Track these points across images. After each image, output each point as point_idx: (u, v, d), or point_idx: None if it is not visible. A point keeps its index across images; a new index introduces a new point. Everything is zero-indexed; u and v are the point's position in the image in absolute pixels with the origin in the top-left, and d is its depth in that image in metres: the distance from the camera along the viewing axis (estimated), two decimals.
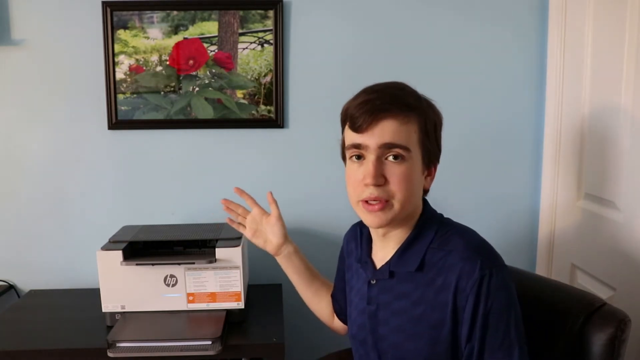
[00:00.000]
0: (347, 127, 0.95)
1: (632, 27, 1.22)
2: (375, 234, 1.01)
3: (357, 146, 0.91)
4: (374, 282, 0.99)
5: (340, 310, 1.23)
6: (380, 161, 0.90)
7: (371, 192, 0.90)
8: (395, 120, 0.89)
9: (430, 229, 0.96)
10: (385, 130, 0.89)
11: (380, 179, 0.89)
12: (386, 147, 0.89)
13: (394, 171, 0.90)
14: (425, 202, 1.00)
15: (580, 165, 1.47)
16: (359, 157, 0.92)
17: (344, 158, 1.00)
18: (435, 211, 1.01)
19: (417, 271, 0.93)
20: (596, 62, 1.39)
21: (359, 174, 0.92)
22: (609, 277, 1.32)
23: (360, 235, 1.09)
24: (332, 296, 1.25)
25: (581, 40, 1.44)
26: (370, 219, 0.93)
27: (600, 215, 1.37)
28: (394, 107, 0.89)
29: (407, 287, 0.94)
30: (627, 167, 1.25)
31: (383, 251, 1.00)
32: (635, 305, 1.18)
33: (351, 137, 0.93)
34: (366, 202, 0.91)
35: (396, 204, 0.91)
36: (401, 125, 0.89)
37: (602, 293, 1.31)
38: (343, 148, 0.99)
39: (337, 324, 1.27)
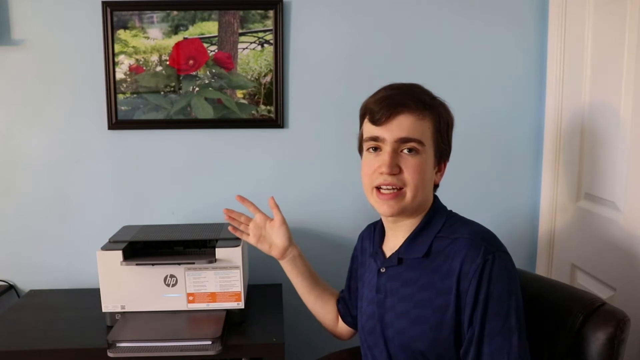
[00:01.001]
0: (366, 120, 1.00)
1: (632, 27, 1.22)
2: (386, 222, 1.06)
3: (374, 138, 0.97)
4: (384, 270, 1.02)
5: (345, 311, 1.24)
6: (396, 153, 0.96)
7: (385, 178, 0.96)
8: (412, 115, 0.95)
9: (438, 220, 1.00)
10: (402, 124, 0.95)
11: (395, 168, 0.95)
12: (402, 141, 0.95)
13: (408, 162, 0.96)
14: (435, 197, 1.05)
15: (580, 165, 1.47)
16: (376, 148, 0.98)
17: (360, 151, 1.06)
18: (444, 206, 1.05)
19: (424, 258, 0.97)
20: (596, 62, 1.39)
21: (374, 163, 0.97)
22: (609, 277, 1.32)
23: (373, 231, 1.13)
24: (340, 297, 1.26)
25: (581, 40, 1.44)
26: (383, 208, 0.98)
27: (600, 215, 1.37)
28: (412, 103, 0.95)
29: (414, 274, 0.98)
30: (627, 167, 1.25)
31: (394, 241, 1.04)
32: (635, 305, 1.18)
33: (370, 129, 0.98)
34: (379, 191, 0.97)
35: (408, 193, 0.96)
36: (417, 121, 0.95)
37: (602, 293, 1.31)
38: (360, 141, 1.04)
39: (340, 327, 1.27)
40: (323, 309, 1.28)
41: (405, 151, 0.95)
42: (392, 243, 1.04)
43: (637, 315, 1.13)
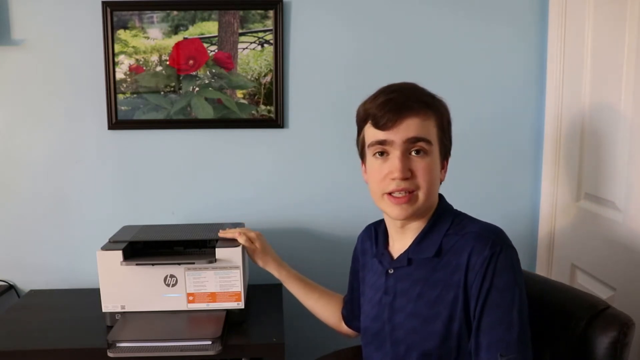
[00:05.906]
0: (368, 125, 0.99)
1: (632, 27, 1.22)
2: (393, 227, 1.04)
3: (381, 142, 0.96)
4: (392, 271, 1.01)
5: (350, 316, 1.24)
6: (405, 156, 0.94)
7: (398, 184, 0.94)
8: (417, 117, 0.94)
9: (446, 219, 1.00)
10: (410, 127, 0.94)
11: (407, 172, 0.94)
12: (411, 142, 0.94)
13: (419, 165, 0.95)
14: (441, 196, 1.04)
15: (580, 165, 1.47)
16: (382, 153, 0.97)
17: (362, 156, 1.04)
18: (450, 205, 1.05)
19: (435, 257, 0.97)
20: (596, 62, 1.39)
21: (384, 169, 0.96)
22: (609, 277, 1.32)
23: (375, 233, 1.12)
24: (344, 302, 1.27)
25: (581, 40, 1.44)
26: (396, 212, 0.96)
27: (600, 215, 1.37)
28: (415, 105, 0.94)
29: (424, 272, 0.97)
30: (627, 167, 1.25)
31: (400, 242, 1.03)
32: (635, 305, 1.18)
33: (374, 134, 0.97)
34: (391, 195, 0.96)
35: (421, 196, 0.96)
36: (423, 121, 0.95)
37: (602, 293, 1.31)
38: (362, 146, 1.03)
39: (346, 329, 1.28)
40: (322, 311, 1.30)
41: (414, 153, 0.95)
42: (399, 245, 1.03)
43: (638, 315, 1.13)
